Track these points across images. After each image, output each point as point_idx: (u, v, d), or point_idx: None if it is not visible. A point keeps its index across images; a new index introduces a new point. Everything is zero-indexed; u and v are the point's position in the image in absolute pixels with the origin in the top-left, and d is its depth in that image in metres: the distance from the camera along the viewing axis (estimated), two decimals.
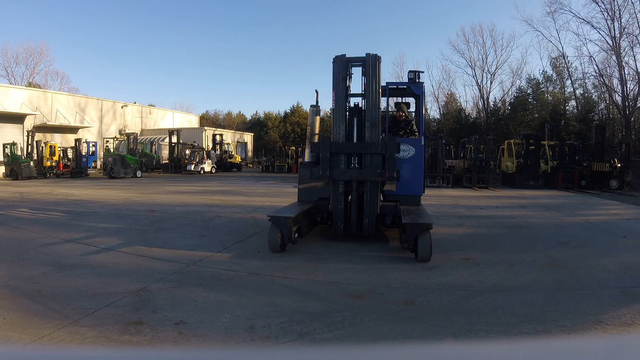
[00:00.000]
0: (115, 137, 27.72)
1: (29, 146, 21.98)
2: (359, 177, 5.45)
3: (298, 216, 5.20)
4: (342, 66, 5.64)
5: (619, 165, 16.26)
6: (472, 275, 4.27)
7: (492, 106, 37.06)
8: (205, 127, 37.07)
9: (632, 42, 27.31)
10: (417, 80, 6.22)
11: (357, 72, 5.87)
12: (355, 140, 5.76)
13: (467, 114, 39.10)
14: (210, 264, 4.65)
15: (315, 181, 5.73)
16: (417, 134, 6.48)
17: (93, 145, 24.73)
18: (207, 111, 57.64)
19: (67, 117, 29.09)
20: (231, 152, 31.77)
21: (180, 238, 6.05)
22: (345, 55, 5.70)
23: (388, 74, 40.44)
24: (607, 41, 28.69)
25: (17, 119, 24.88)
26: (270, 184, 17.58)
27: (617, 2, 27.39)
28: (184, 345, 2.65)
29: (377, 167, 5.41)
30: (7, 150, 21.11)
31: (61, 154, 23.09)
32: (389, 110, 6.52)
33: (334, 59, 5.70)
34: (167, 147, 28.10)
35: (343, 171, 5.47)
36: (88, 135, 28.83)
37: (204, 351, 1.66)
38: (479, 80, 37.12)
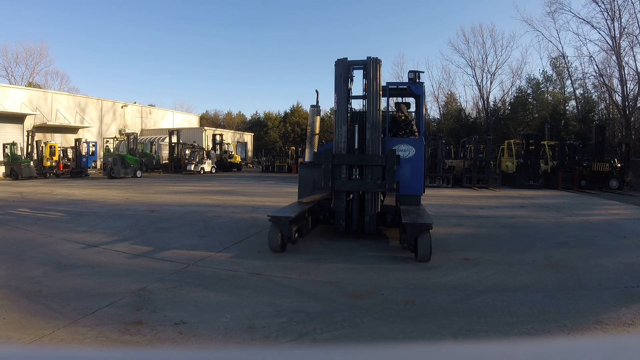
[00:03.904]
0: (115, 137, 27.70)
1: (29, 146, 21.97)
2: (360, 188, 5.68)
3: (298, 216, 5.22)
4: (343, 69, 5.76)
5: (619, 165, 16.26)
6: (472, 275, 4.27)
7: (492, 106, 37.08)
8: (205, 127, 37.08)
9: (632, 42, 27.36)
10: (417, 80, 6.24)
11: (358, 74, 5.98)
12: (357, 141, 5.86)
13: (467, 114, 39.11)
14: (210, 264, 4.65)
15: (317, 193, 5.81)
16: (417, 134, 6.49)
17: (93, 145, 24.72)
18: (207, 111, 57.79)
19: (67, 117, 29.10)
20: (231, 152, 31.77)
21: (180, 238, 6.05)
22: (346, 58, 5.82)
23: (388, 74, 40.49)
24: (607, 41, 28.74)
25: (17, 119, 24.87)
26: (270, 184, 17.58)
27: (617, 2, 27.43)
28: (184, 345, 2.65)
29: (377, 179, 5.62)
30: (7, 150, 21.11)
31: (61, 154, 23.08)
32: (389, 110, 6.54)
33: (335, 62, 5.80)
34: (167, 147, 28.10)
35: (344, 183, 5.68)
36: (88, 135, 28.83)
37: (204, 351, 1.66)
38: (479, 80, 37.18)
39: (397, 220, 5.60)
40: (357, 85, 6.16)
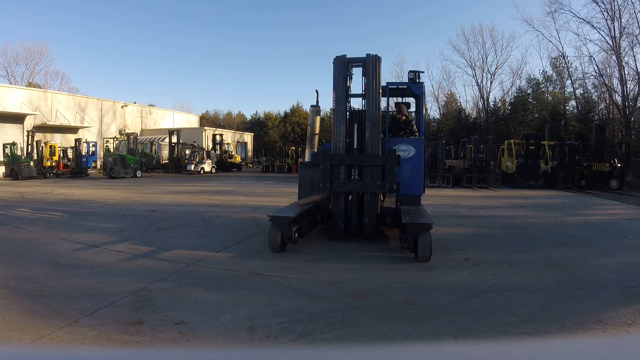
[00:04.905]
0: (115, 137, 27.70)
1: (29, 146, 21.97)
2: (359, 189, 5.58)
3: (298, 216, 5.21)
4: (342, 67, 5.67)
5: (619, 165, 16.25)
6: (472, 275, 4.27)
7: (492, 106, 37.09)
8: (205, 127, 37.07)
9: (632, 42, 27.38)
10: (417, 80, 6.22)
11: (357, 72, 5.89)
12: (356, 140, 5.80)
13: (467, 114, 39.13)
14: (210, 263, 4.65)
15: (316, 194, 5.78)
16: (417, 134, 6.48)
17: (93, 145, 24.72)
18: (207, 111, 57.79)
19: (67, 117, 29.09)
20: (231, 152, 31.76)
21: (180, 238, 6.05)
22: (345, 55, 5.73)
23: (388, 74, 40.48)
24: (607, 41, 28.76)
25: (17, 119, 24.87)
26: (270, 184, 17.58)
27: (617, 2, 27.45)
28: (184, 345, 2.65)
29: (377, 179, 5.52)
30: (7, 150, 21.11)
31: (61, 154, 23.08)
32: (389, 110, 6.52)
33: (334, 59, 5.71)
34: (167, 147, 28.10)
35: (343, 183, 5.58)
36: (88, 135, 28.82)
37: (204, 351, 1.66)
38: (479, 80, 37.21)
39: (397, 221, 5.57)
40: (357, 84, 6.11)
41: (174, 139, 27.24)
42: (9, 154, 20.99)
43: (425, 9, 71.34)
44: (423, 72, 6.37)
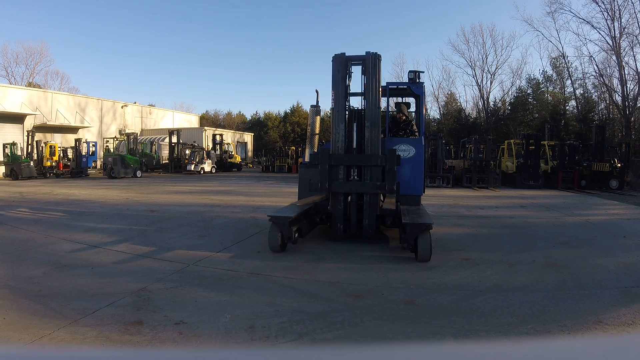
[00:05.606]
0: (115, 137, 27.69)
1: (29, 146, 21.97)
2: (358, 189, 5.51)
3: (298, 216, 5.20)
4: (341, 65, 5.61)
5: (619, 165, 16.26)
6: (472, 275, 4.27)
7: (492, 106, 37.09)
8: (205, 127, 37.07)
9: (632, 42, 27.37)
10: (417, 80, 6.20)
11: (356, 71, 5.84)
12: (355, 140, 5.75)
13: (467, 114, 39.13)
14: (210, 264, 4.65)
15: (315, 194, 5.74)
16: (417, 134, 6.47)
17: (93, 145, 24.72)
18: (207, 111, 57.76)
19: (67, 117, 29.08)
20: (231, 152, 31.77)
21: (180, 238, 6.05)
22: (344, 54, 5.66)
23: (388, 74, 40.46)
24: (607, 41, 28.76)
25: (17, 119, 24.86)
26: (270, 184, 17.58)
27: (617, 2, 27.45)
28: (184, 345, 2.65)
29: (376, 180, 5.44)
30: (7, 150, 21.11)
31: (61, 154, 23.07)
32: (389, 110, 6.51)
33: (333, 57, 5.66)
34: (167, 147, 28.10)
35: (342, 184, 5.51)
36: (88, 135, 28.82)
37: (204, 351, 1.66)
38: (479, 80, 37.20)
39: (397, 221, 5.54)
40: (356, 83, 6.06)
41: (174, 139, 27.25)
42: (9, 154, 20.99)
43: (425, 9, 71.37)
44: (423, 72, 6.36)
